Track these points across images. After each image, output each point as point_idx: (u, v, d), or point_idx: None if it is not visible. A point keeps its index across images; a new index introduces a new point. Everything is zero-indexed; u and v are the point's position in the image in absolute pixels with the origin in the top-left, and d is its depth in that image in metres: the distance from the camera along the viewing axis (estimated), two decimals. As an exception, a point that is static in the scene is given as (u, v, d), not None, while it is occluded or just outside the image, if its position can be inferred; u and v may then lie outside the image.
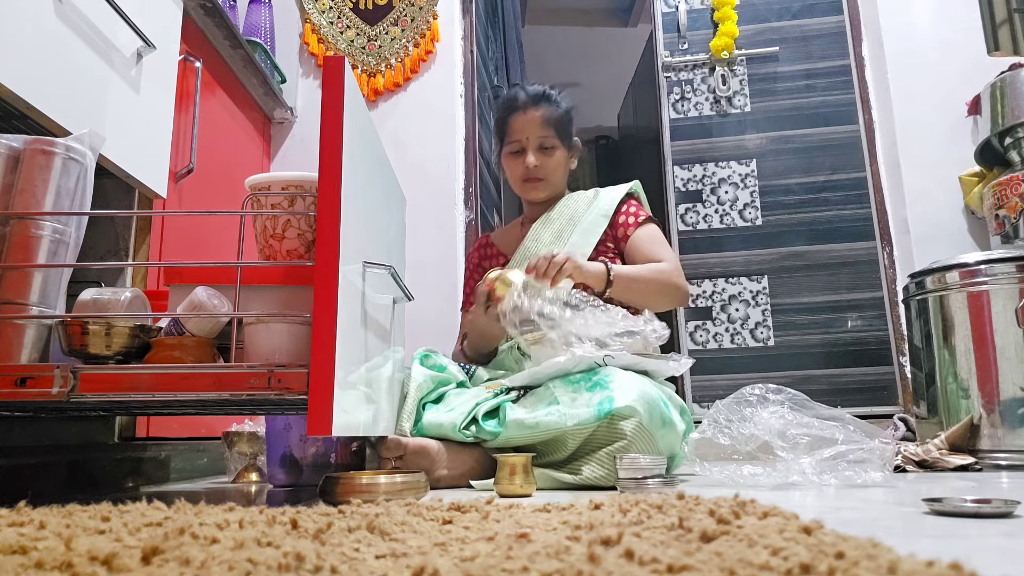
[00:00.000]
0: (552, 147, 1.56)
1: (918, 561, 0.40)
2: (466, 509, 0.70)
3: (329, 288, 0.79)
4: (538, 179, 1.56)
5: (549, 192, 1.59)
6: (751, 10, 2.61)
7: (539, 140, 1.54)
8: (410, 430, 1.17)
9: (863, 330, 2.34)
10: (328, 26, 2.40)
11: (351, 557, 0.47)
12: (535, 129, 1.54)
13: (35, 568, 0.43)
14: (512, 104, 1.58)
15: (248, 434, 1.43)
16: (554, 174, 1.57)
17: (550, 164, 1.56)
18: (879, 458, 1.08)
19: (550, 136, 1.55)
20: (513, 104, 1.58)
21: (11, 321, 0.86)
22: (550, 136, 1.55)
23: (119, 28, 1.26)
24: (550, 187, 1.58)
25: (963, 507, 0.74)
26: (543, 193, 1.58)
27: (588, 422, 1.08)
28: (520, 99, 1.57)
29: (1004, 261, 1.59)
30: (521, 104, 1.56)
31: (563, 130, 1.57)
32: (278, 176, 0.97)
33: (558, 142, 1.56)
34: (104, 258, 1.32)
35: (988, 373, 1.56)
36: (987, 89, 2.06)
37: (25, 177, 0.90)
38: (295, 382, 0.81)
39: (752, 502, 0.64)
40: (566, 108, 1.60)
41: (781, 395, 1.20)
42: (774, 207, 2.47)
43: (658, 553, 0.43)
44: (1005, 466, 1.48)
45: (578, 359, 1.17)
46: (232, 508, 0.68)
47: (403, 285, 1.15)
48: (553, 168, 1.56)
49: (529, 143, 1.55)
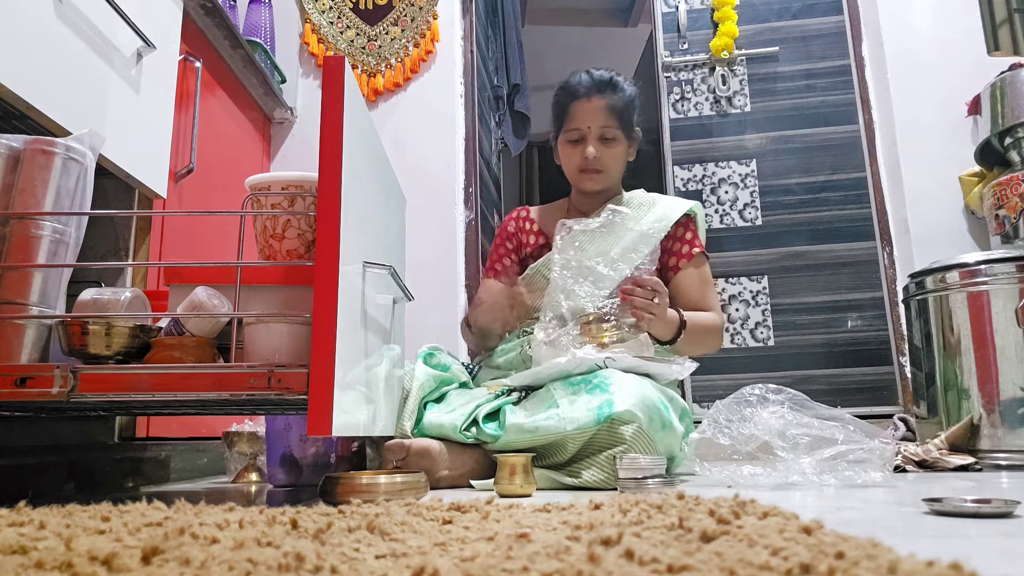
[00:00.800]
0: (614, 138, 1.48)
1: (918, 561, 0.40)
2: (466, 509, 0.70)
3: (329, 288, 0.79)
4: (596, 171, 1.49)
5: (605, 184, 1.52)
6: (751, 10, 2.61)
7: (601, 130, 1.47)
8: (411, 430, 1.17)
9: (863, 330, 2.34)
10: (328, 26, 2.40)
11: (351, 557, 0.47)
12: (598, 118, 1.46)
13: (35, 568, 0.43)
14: (575, 90, 1.49)
15: (248, 434, 1.43)
16: (613, 166, 1.50)
17: (609, 156, 1.48)
18: (879, 458, 1.08)
19: (612, 127, 1.47)
20: (576, 90, 1.49)
21: (11, 321, 0.86)
22: (612, 127, 1.47)
23: (119, 28, 1.26)
24: (607, 179, 1.51)
25: (963, 507, 0.74)
26: (599, 185, 1.51)
27: (587, 426, 1.08)
28: (584, 85, 1.49)
29: (1004, 261, 1.59)
30: (584, 91, 1.48)
31: (626, 120, 1.50)
32: (278, 176, 0.97)
33: (620, 133, 1.49)
34: (104, 258, 1.32)
35: (988, 373, 1.56)
36: (987, 89, 2.06)
37: (25, 177, 0.90)
38: (295, 382, 0.81)
39: (752, 502, 0.64)
40: (632, 96, 1.52)
41: (781, 395, 1.20)
42: (774, 207, 2.47)
43: (658, 553, 0.43)
44: (1005, 466, 1.48)
45: (579, 360, 1.17)
46: (232, 508, 0.68)
47: (403, 285, 1.15)
48: (612, 160, 1.49)
49: (591, 132, 1.47)
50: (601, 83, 1.49)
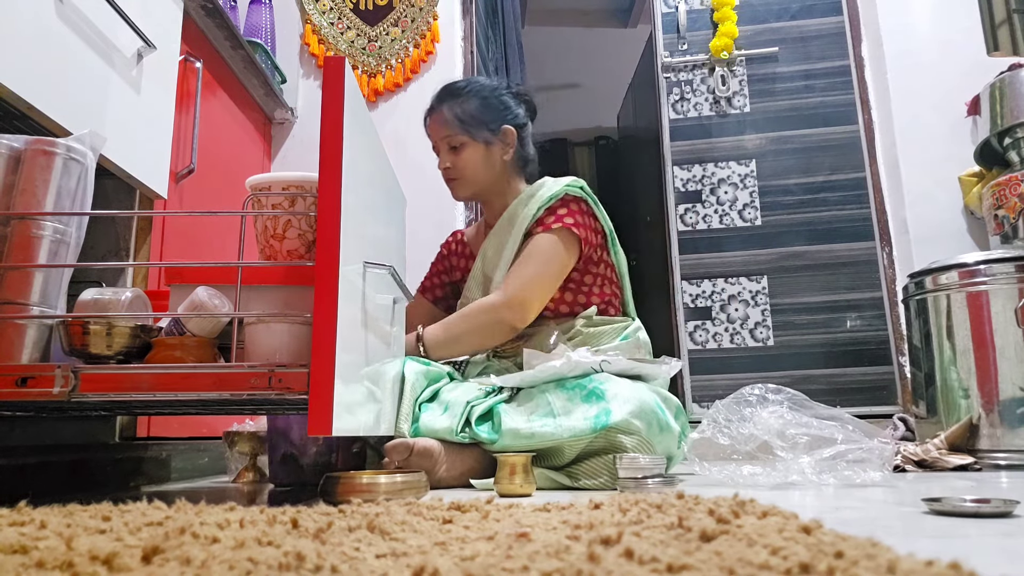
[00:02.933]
0: (460, 144, 1.46)
1: (917, 561, 0.40)
2: (466, 509, 0.70)
3: (329, 288, 0.79)
4: (452, 179, 1.49)
5: (470, 190, 1.50)
6: (750, 11, 2.61)
7: (446, 141, 1.47)
8: (408, 431, 1.17)
9: (862, 330, 2.35)
10: (328, 27, 2.40)
11: (351, 556, 0.47)
12: (440, 130, 1.47)
13: (36, 567, 0.43)
14: (427, 110, 1.52)
15: (248, 434, 1.43)
16: (467, 171, 1.47)
17: (460, 162, 1.47)
18: (878, 458, 1.08)
19: (455, 134, 1.46)
20: (429, 108, 1.51)
21: (12, 321, 0.86)
22: (455, 134, 1.46)
23: (120, 28, 1.26)
24: (469, 185, 1.49)
25: (962, 507, 0.74)
26: (462, 192, 1.50)
27: (584, 434, 1.09)
28: (430, 104, 1.51)
29: (1003, 261, 1.59)
30: (430, 107, 1.50)
31: (474, 122, 1.46)
32: (278, 176, 0.97)
33: (467, 137, 1.46)
34: (105, 258, 1.32)
35: (987, 373, 1.56)
36: (986, 89, 2.07)
37: (26, 177, 0.90)
38: (296, 382, 0.81)
39: (751, 502, 0.64)
40: (477, 94, 1.48)
41: (780, 395, 1.20)
42: (773, 207, 2.47)
43: (658, 552, 0.43)
44: (1004, 466, 1.48)
45: (574, 364, 1.17)
46: (233, 508, 0.68)
47: (403, 285, 1.15)
48: (464, 165, 1.47)
49: (441, 146, 1.49)
50: (440, 94, 1.50)
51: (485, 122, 1.48)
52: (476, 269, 1.50)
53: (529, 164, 1.56)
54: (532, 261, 1.38)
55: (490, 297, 1.38)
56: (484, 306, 1.36)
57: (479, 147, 1.47)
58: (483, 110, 1.48)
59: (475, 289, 1.50)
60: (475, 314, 1.36)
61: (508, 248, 1.44)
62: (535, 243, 1.40)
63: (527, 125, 1.55)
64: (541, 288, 1.37)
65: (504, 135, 1.50)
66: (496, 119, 1.49)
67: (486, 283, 1.48)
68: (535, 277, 1.37)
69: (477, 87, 1.50)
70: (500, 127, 1.49)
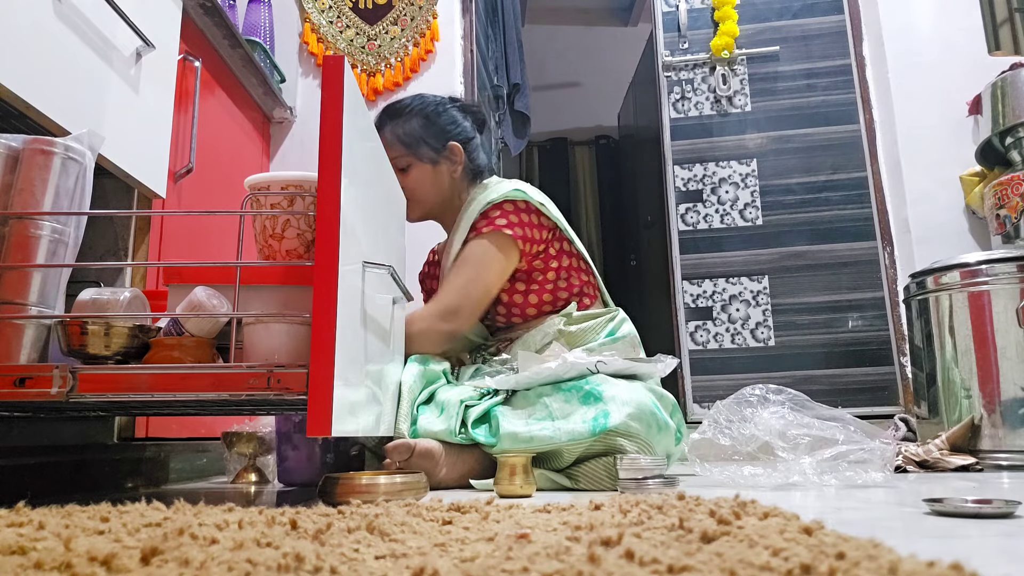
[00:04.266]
0: (407, 166, 1.44)
1: (919, 561, 0.40)
2: (466, 510, 0.70)
3: (329, 288, 0.79)
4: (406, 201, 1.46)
5: (420, 210, 1.48)
6: (751, 9, 2.60)
7: (392, 162, 1.40)
8: (408, 432, 1.17)
9: (864, 330, 2.34)
10: (328, 25, 2.40)
11: (351, 558, 0.47)
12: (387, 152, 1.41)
13: (34, 568, 0.43)
14: None
15: (247, 434, 1.43)
16: (416, 192, 1.45)
17: (408, 183, 1.44)
18: (880, 458, 1.08)
19: (399, 155, 1.43)
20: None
21: (10, 321, 0.86)
22: (399, 155, 1.43)
23: (118, 27, 1.26)
24: (420, 207, 1.47)
25: (964, 507, 0.74)
26: (412, 213, 1.48)
27: (583, 438, 1.08)
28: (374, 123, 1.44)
29: (1005, 261, 1.59)
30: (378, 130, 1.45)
31: (417, 142, 1.43)
32: (277, 176, 0.97)
33: (412, 158, 1.44)
34: (103, 258, 1.32)
35: (989, 373, 1.56)
36: (988, 89, 2.06)
37: (24, 177, 0.89)
38: (295, 382, 0.81)
39: (753, 502, 0.64)
40: (421, 115, 1.45)
41: (781, 395, 1.20)
42: (775, 207, 2.47)
43: (658, 554, 0.43)
44: (1006, 466, 1.48)
45: (569, 365, 1.17)
46: (231, 509, 0.68)
47: (403, 285, 1.15)
48: (413, 186, 1.44)
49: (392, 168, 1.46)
50: (382, 115, 1.48)
51: (429, 141, 1.45)
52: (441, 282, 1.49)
53: (482, 174, 1.53)
54: (464, 268, 1.36)
55: (426, 307, 1.36)
56: (418, 316, 1.34)
57: (425, 167, 1.45)
58: (426, 129, 1.45)
59: None
60: (409, 324, 1.33)
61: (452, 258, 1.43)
62: (468, 250, 1.38)
63: (475, 138, 1.52)
64: (474, 293, 1.35)
65: (451, 152, 1.46)
66: (440, 136, 1.46)
67: None
68: (467, 284, 1.35)
69: (419, 105, 1.47)
70: (445, 144, 1.46)
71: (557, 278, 1.44)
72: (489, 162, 1.58)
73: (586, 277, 1.48)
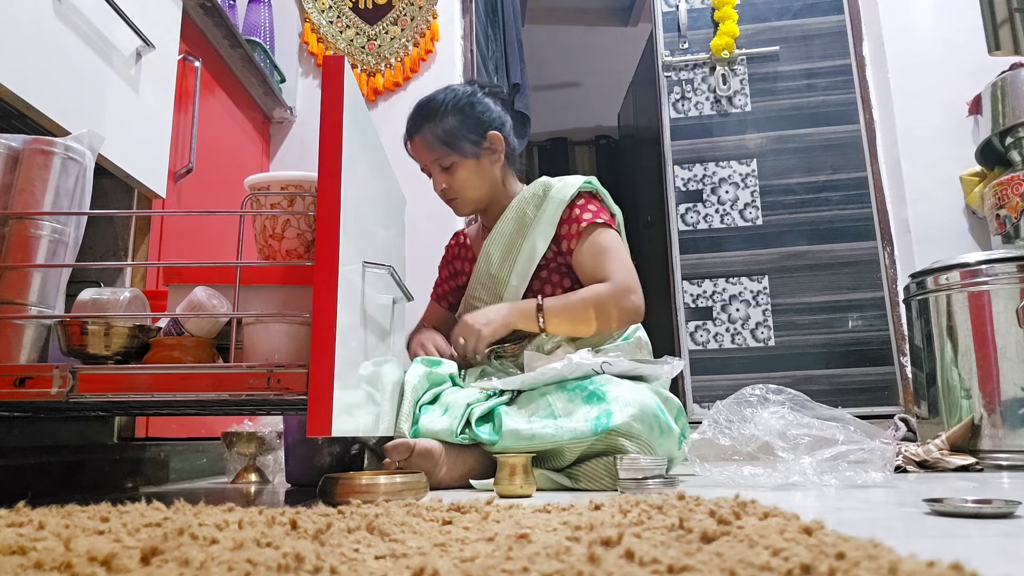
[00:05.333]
0: (451, 164, 1.43)
1: (919, 561, 0.40)
2: (466, 510, 0.70)
3: (329, 288, 0.79)
4: (452, 199, 1.47)
5: (472, 206, 1.49)
6: (751, 9, 2.60)
7: (435, 163, 1.44)
8: (408, 432, 1.17)
9: (864, 330, 2.34)
10: (328, 25, 2.40)
11: (351, 558, 0.47)
12: (426, 156, 1.44)
13: (34, 568, 0.43)
14: (406, 131, 1.47)
15: (247, 434, 1.43)
16: (465, 189, 1.45)
17: (456, 182, 1.44)
18: (880, 458, 1.08)
19: (443, 155, 1.42)
20: (406, 131, 1.47)
21: (10, 321, 0.86)
22: (443, 155, 1.42)
23: (118, 28, 1.26)
24: (470, 202, 1.48)
25: (964, 507, 0.74)
26: (465, 209, 1.49)
27: (585, 436, 1.08)
28: (407, 126, 1.47)
29: (1005, 261, 1.59)
30: (408, 133, 1.46)
31: (458, 139, 1.43)
32: (277, 176, 0.97)
33: (456, 156, 1.43)
34: (103, 258, 1.32)
35: (989, 373, 1.55)
36: (988, 89, 2.06)
37: (24, 177, 0.89)
38: (294, 382, 0.81)
39: (753, 502, 0.64)
40: (457, 111, 1.44)
41: (781, 395, 1.20)
42: (774, 207, 2.47)
43: (658, 554, 0.43)
44: (1006, 466, 1.48)
45: (575, 366, 1.17)
46: (231, 509, 0.68)
47: (403, 285, 1.15)
48: (461, 184, 1.45)
49: (431, 168, 1.46)
50: (417, 118, 1.45)
51: (469, 136, 1.44)
52: (480, 271, 1.49)
53: (518, 158, 1.55)
54: (612, 254, 1.39)
55: (605, 285, 1.37)
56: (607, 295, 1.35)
57: (470, 163, 1.44)
58: (464, 124, 1.44)
59: (481, 291, 1.49)
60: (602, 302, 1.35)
61: (524, 253, 1.43)
62: (599, 242, 1.40)
63: (507, 123, 1.52)
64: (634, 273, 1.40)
65: (491, 142, 1.46)
66: (479, 128, 1.45)
67: (494, 285, 1.46)
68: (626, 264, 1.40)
69: (452, 101, 1.45)
70: (485, 135, 1.46)
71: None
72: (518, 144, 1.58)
73: None
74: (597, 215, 1.42)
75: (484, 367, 1.40)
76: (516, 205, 1.47)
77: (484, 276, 1.48)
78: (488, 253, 1.48)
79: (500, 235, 1.47)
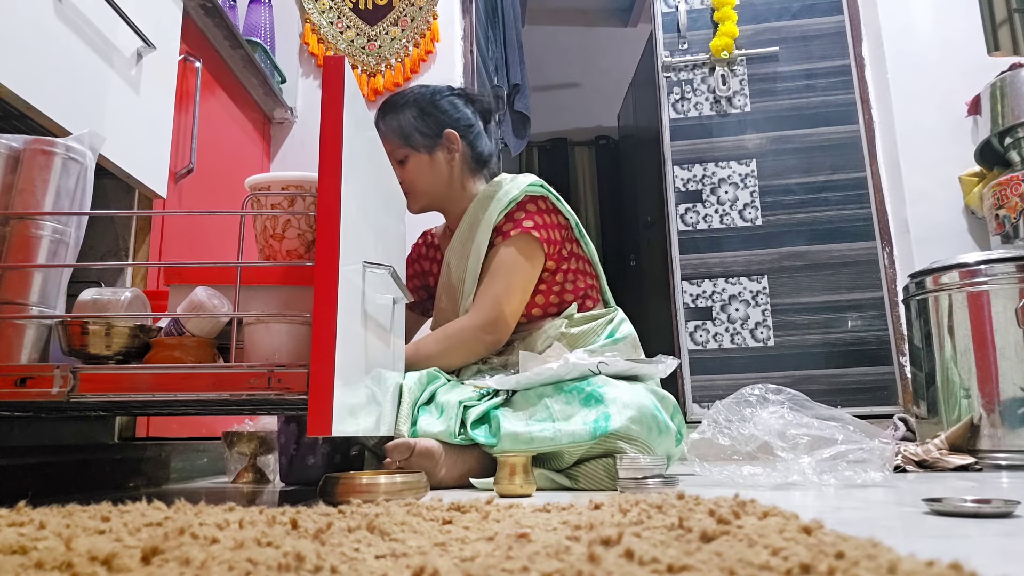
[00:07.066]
0: (404, 158, 1.45)
1: (918, 561, 0.40)
2: (466, 509, 0.70)
3: (329, 288, 0.79)
4: (407, 193, 1.46)
5: (423, 200, 1.49)
6: (751, 10, 2.61)
7: (392, 156, 1.43)
8: (407, 434, 1.17)
9: (863, 330, 2.34)
10: (328, 26, 2.40)
11: (351, 557, 0.47)
12: (385, 146, 1.42)
13: (35, 568, 0.43)
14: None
15: (248, 434, 1.43)
16: (415, 183, 1.45)
17: (407, 176, 1.45)
18: (879, 458, 1.08)
19: (396, 148, 1.44)
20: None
21: (11, 321, 0.86)
22: (396, 148, 1.44)
23: (119, 28, 1.26)
24: (421, 198, 1.48)
25: (963, 507, 0.74)
26: (413, 205, 1.48)
27: (583, 440, 1.08)
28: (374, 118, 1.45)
29: (1004, 261, 1.59)
30: (375, 125, 1.45)
31: (411, 133, 1.44)
32: (278, 176, 0.97)
33: (408, 150, 1.44)
34: (104, 258, 1.32)
35: (988, 373, 1.56)
36: (987, 89, 2.07)
37: (25, 177, 0.90)
38: (295, 382, 0.81)
39: (752, 502, 0.64)
40: (416, 106, 1.45)
41: (781, 395, 1.20)
42: (774, 207, 2.47)
43: (658, 553, 0.43)
44: (1005, 466, 1.48)
45: (571, 366, 1.16)
46: (232, 508, 0.68)
47: (403, 285, 1.15)
48: (411, 178, 1.45)
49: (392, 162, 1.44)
50: (380, 110, 1.48)
51: (423, 130, 1.45)
52: (443, 278, 1.49)
53: (488, 163, 1.53)
54: (498, 276, 1.37)
55: (465, 319, 1.37)
56: (458, 328, 1.36)
57: (422, 157, 1.45)
58: (420, 118, 1.45)
59: (444, 299, 1.49)
60: (452, 335, 1.35)
61: (472, 257, 1.42)
62: (498, 257, 1.39)
63: (474, 126, 1.51)
64: (513, 302, 1.37)
65: (447, 140, 1.46)
66: (435, 125, 1.46)
67: (453, 293, 1.47)
68: (503, 293, 1.36)
69: (413, 96, 1.47)
70: (441, 132, 1.46)
71: (564, 280, 1.45)
72: (496, 151, 1.57)
73: (591, 280, 1.49)
74: (528, 227, 1.39)
75: (479, 367, 1.40)
76: (471, 209, 1.47)
77: (446, 283, 1.49)
78: (448, 260, 1.49)
79: (457, 242, 1.47)
